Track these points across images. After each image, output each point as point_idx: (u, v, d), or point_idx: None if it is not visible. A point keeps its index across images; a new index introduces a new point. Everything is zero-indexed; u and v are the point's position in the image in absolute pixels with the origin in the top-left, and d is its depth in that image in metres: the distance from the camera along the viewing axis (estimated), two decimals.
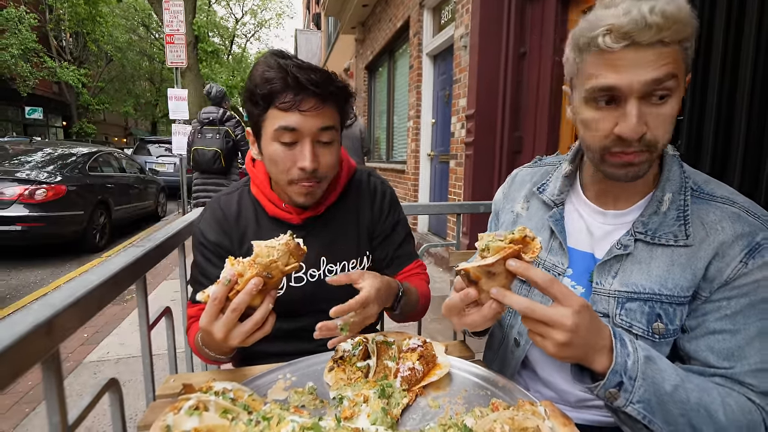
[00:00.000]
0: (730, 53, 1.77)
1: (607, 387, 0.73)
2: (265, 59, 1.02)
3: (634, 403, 0.73)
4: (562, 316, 0.68)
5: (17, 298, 4.33)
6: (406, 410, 0.81)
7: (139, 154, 12.45)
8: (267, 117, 1.01)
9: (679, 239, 0.84)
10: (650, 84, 0.74)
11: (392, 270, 1.27)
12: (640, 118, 0.76)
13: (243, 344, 0.84)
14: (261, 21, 27.72)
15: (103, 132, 28.00)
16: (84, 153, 6.68)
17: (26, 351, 0.53)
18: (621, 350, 0.72)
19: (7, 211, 5.20)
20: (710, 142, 1.84)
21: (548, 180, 1.07)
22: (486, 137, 3.89)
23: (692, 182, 0.88)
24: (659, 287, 0.84)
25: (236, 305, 0.79)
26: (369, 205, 1.24)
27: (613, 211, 0.93)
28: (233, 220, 1.16)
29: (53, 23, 20.25)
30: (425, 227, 6.49)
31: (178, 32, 7.43)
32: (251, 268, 0.81)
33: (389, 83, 8.47)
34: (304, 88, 0.96)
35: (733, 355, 0.78)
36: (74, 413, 0.67)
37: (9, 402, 2.40)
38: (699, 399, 0.74)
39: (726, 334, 0.79)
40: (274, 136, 1.00)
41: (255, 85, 1.00)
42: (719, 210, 0.83)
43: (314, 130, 1.00)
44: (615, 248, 0.88)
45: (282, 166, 1.02)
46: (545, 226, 1.01)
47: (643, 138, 0.78)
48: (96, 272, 0.80)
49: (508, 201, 1.15)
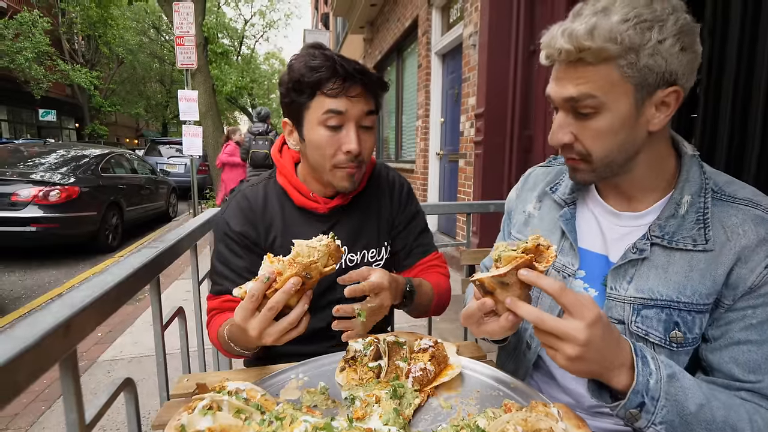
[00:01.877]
0: (746, 52, 1.74)
1: (627, 407, 0.70)
2: (307, 51, 1.06)
3: (656, 425, 0.71)
4: (574, 329, 0.66)
5: (32, 298, 4.40)
6: (417, 411, 0.81)
7: (150, 155, 12.61)
8: (312, 104, 1.05)
9: (698, 244, 0.81)
10: (567, 100, 0.80)
11: (411, 260, 1.28)
12: (562, 127, 0.83)
13: (276, 343, 0.84)
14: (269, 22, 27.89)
15: (115, 133, 28.33)
16: (96, 154, 6.77)
17: (46, 351, 0.54)
18: (643, 369, 0.70)
19: (22, 213, 5.30)
20: (725, 142, 1.82)
21: (561, 180, 1.05)
22: (496, 136, 3.86)
23: (713, 183, 0.85)
24: (677, 294, 0.81)
25: (273, 304, 0.80)
26: (389, 197, 1.27)
27: (627, 212, 0.91)
28: (259, 210, 1.17)
29: (66, 27, 20.54)
30: (435, 227, 6.47)
31: (188, 34, 7.48)
32: (291, 267, 0.81)
33: (398, 82, 8.46)
34: (351, 76, 1.01)
35: (760, 368, 0.75)
36: (91, 412, 0.68)
37: (26, 400, 2.45)
38: (725, 418, 0.71)
39: (752, 344, 0.76)
40: (321, 120, 1.04)
41: (301, 75, 1.03)
42: (741, 213, 0.80)
43: (359, 114, 1.05)
44: (630, 252, 0.86)
45: (328, 151, 1.06)
46: (556, 226, 1.00)
47: (573, 147, 0.84)
48: (112, 273, 0.81)
49: (520, 201, 1.14)
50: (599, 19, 0.73)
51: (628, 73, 0.74)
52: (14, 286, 4.79)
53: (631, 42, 0.72)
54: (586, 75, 0.76)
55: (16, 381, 0.49)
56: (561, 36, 0.75)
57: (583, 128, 0.81)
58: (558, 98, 0.81)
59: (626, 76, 0.75)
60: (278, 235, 1.16)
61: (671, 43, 0.73)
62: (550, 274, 0.97)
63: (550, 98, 0.85)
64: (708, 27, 1.87)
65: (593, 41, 0.73)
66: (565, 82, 0.79)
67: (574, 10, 0.79)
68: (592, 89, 0.76)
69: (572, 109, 0.81)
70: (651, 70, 0.74)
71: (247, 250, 1.15)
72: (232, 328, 0.94)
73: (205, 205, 9.55)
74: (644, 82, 0.75)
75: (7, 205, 5.29)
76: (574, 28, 0.74)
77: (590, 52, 0.74)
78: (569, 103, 0.80)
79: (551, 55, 0.80)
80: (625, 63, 0.74)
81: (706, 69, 1.89)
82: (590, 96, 0.76)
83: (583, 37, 0.73)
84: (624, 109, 0.77)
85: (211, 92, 9.95)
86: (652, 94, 0.77)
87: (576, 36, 0.73)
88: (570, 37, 0.74)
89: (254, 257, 1.15)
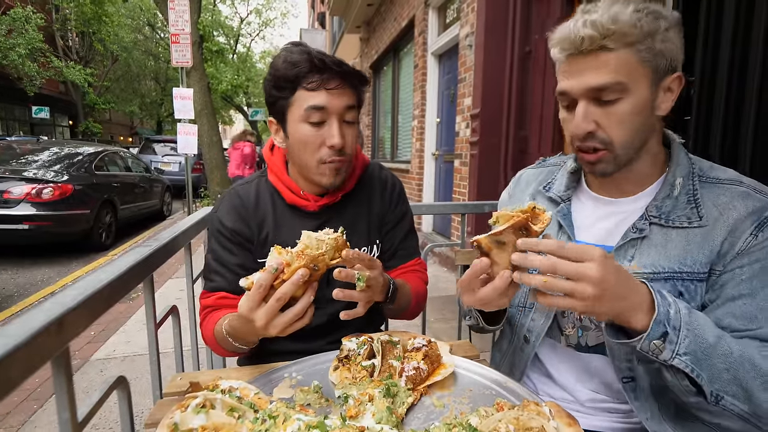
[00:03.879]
0: (738, 54, 1.76)
1: (651, 338, 0.71)
2: (286, 48, 1.08)
3: (680, 355, 0.72)
4: (587, 268, 0.68)
5: (25, 296, 4.37)
6: (410, 409, 0.82)
7: (144, 154, 12.54)
8: (294, 100, 1.06)
9: (692, 221, 0.86)
10: (592, 90, 0.82)
11: (394, 262, 1.29)
12: (586, 117, 0.84)
13: (281, 334, 0.85)
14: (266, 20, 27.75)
15: (109, 131, 28.13)
16: (90, 152, 6.73)
17: (38, 348, 0.54)
18: (662, 301, 0.72)
19: (14, 210, 5.25)
20: (717, 142, 1.83)
21: (554, 178, 1.08)
22: (491, 136, 3.88)
23: (698, 168, 0.91)
24: (679, 265, 0.85)
25: (281, 294, 0.81)
26: (380, 195, 1.28)
27: (621, 198, 0.95)
28: (252, 207, 1.18)
29: (60, 23, 20.34)
30: (429, 227, 6.49)
31: (184, 32, 7.44)
32: (299, 258, 0.82)
33: (394, 82, 8.46)
34: (328, 68, 1.02)
35: (756, 317, 0.78)
36: (83, 410, 0.68)
37: (17, 399, 2.43)
38: (741, 351, 0.73)
39: (745, 298, 0.80)
40: (303, 117, 1.05)
41: (280, 71, 1.05)
42: (728, 191, 0.86)
43: (340, 109, 1.05)
44: (630, 232, 0.90)
45: (311, 147, 1.07)
46: (554, 221, 1.02)
47: (596, 135, 0.85)
48: (105, 271, 0.81)
49: (513, 202, 1.15)
50: (618, 8, 0.78)
51: (647, 57, 0.80)
52: (6, 284, 4.75)
53: (648, 28, 0.78)
54: (609, 62, 0.79)
55: (8, 378, 0.49)
56: (583, 26, 0.79)
57: (606, 115, 0.84)
58: (580, 89, 0.83)
59: (645, 61, 0.80)
60: (270, 232, 1.17)
61: (675, 31, 0.81)
62: None
63: (565, 93, 0.87)
64: (702, 28, 1.88)
65: (618, 25, 0.77)
66: (586, 72, 0.82)
67: (580, 9, 0.83)
68: (618, 77, 0.79)
69: (594, 98, 0.83)
70: (663, 56, 0.81)
71: (240, 247, 1.16)
72: (232, 322, 0.94)
73: (200, 203, 9.51)
74: (658, 66, 0.81)
75: (0, 202, 5.24)
76: (595, 17, 0.78)
77: (614, 37, 0.78)
78: (592, 93, 0.82)
79: (569, 47, 0.82)
80: (644, 48, 0.79)
81: (700, 71, 1.90)
82: (618, 83, 0.80)
83: (608, 22, 0.77)
84: (644, 93, 0.82)
85: (207, 90, 9.91)
86: (662, 79, 0.83)
87: (601, 23, 0.77)
88: (594, 25, 0.78)
89: (247, 254, 1.16)
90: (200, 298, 1.19)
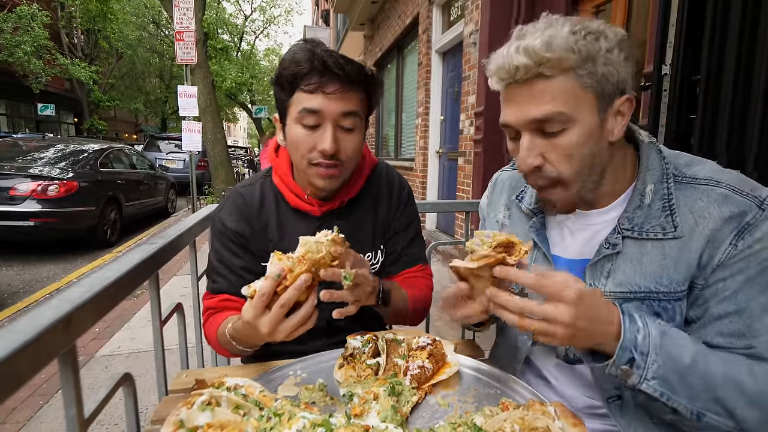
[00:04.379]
0: (745, 52, 1.75)
1: (618, 364, 0.72)
2: (296, 44, 1.04)
3: (648, 380, 0.72)
4: (560, 313, 0.68)
5: (30, 292, 4.40)
6: (415, 408, 0.82)
7: (149, 151, 12.58)
8: (293, 101, 1.03)
9: (667, 231, 0.81)
10: (534, 121, 0.77)
11: (397, 267, 1.26)
12: (531, 150, 0.80)
13: (287, 339, 0.85)
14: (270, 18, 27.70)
15: (114, 128, 28.24)
16: (95, 149, 6.75)
17: (46, 345, 0.54)
18: (630, 326, 0.72)
19: (20, 207, 5.28)
20: (723, 139, 1.82)
21: (526, 187, 1.05)
22: (495, 134, 3.87)
23: (673, 167, 0.85)
24: (655, 284, 0.82)
25: (285, 301, 0.80)
26: (387, 198, 1.25)
27: (592, 210, 0.91)
28: (255, 209, 1.16)
29: (65, 20, 20.45)
30: (433, 225, 6.48)
31: (188, 29, 7.45)
32: (300, 264, 0.82)
33: (398, 80, 8.45)
34: (329, 70, 0.98)
35: (744, 335, 0.76)
36: (90, 407, 0.69)
37: (23, 395, 2.45)
38: (725, 371, 0.72)
39: (731, 316, 0.77)
40: (298, 119, 1.02)
41: (283, 68, 1.02)
42: (705, 195, 0.80)
43: (337, 114, 1.01)
44: (603, 248, 0.86)
45: (303, 149, 1.04)
46: (528, 236, 0.99)
47: (543, 170, 0.81)
48: (112, 268, 0.81)
49: (491, 208, 1.14)
50: (553, 31, 0.73)
51: (589, 82, 0.75)
52: (12, 280, 4.78)
53: (587, 51, 0.73)
54: (547, 91, 0.75)
55: (17, 374, 0.49)
56: (516, 53, 0.74)
57: (552, 147, 0.79)
58: (522, 121, 0.79)
59: (587, 87, 0.75)
60: (275, 236, 1.16)
61: (617, 52, 0.75)
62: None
63: (508, 125, 0.83)
64: (709, 26, 1.87)
65: (552, 52, 0.72)
66: (525, 103, 0.77)
67: (515, 34, 0.79)
68: (559, 106, 0.75)
69: (538, 130, 0.79)
70: (607, 79, 0.76)
71: (244, 249, 1.15)
72: (237, 326, 0.93)
73: (204, 201, 9.54)
74: (603, 91, 0.76)
75: (6, 199, 5.27)
76: (528, 43, 0.73)
77: (549, 63, 0.73)
78: (534, 124, 0.78)
79: (506, 76, 0.78)
80: (584, 72, 0.74)
81: (706, 69, 1.89)
82: (560, 113, 0.75)
83: (542, 49, 0.72)
84: (590, 121, 0.77)
85: (211, 88, 9.93)
86: (610, 104, 0.78)
87: (533, 49, 0.73)
88: (527, 52, 0.73)
89: (251, 256, 1.15)
90: (203, 299, 1.19)
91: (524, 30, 0.77)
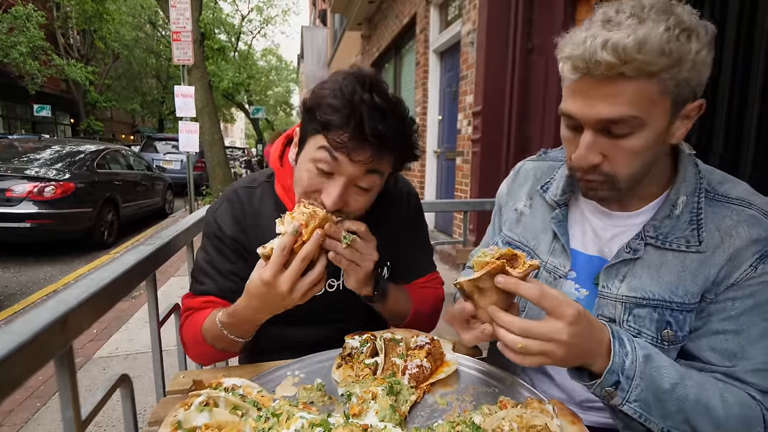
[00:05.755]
0: (742, 52, 1.75)
1: (603, 386, 0.72)
2: (344, 79, 0.90)
3: (630, 402, 0.73)
4: (557, 332, 0.67)
5: (27, 294, 4.38)
6: (414, 407, 0.82)
7: (146, 152, 12.54)
8: (316, 139, 0.91)
9: (691, 245, 0.81)
10: (602, 122, 0.73)
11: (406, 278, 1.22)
12: (592, 149, 0.76)
13: (303, 300, 0.86)
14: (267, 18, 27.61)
15: (111, 129, 28.13)
16: (92, 150, 6.73)
17: (42, 346, 0.54)
18: (619, 350, 0.72)
19: (16, 208, 5.26)
20: (720, 140, 1.83)
21: (552, 178, 1.03)
22: (493, 134, 3.87)
23: (706, 183, 0.84)
24: (669, 294, 0.81)
25: (305, 254, 0.83)
26: (397, 213, 1.20)
27: (620, 212, 0.90)
28: (252, 217, 1.11)
29: (61, 21, 20.34)
30: (431, 225, 6.48)
31: (185, 30, 7.43)
32: (313, 219, 0.85)
33: (396, 80, 8.45)
34: (364, 138, 0.86)
35: (735, 356, 0.77)
36: (87, 408, 0.68)
37: (20, 397, 2.44)
38: (697, 396, 0.73)
39: (729, 334, 0.78)
40: (314, 158, 0.91)
41: (318, 105, 0.89)
42: (735, 214, 0.79)
43: (355, 175, 0.91)
44: (624, 251, 0.86)
45: (307, 188, 0.93)
46: (548, 227, 0.98)
47: (599, 169, 0.78)
48: (108, 269, 0.81)
49: (511, 197, 1.11)
50: (647, 30, 0.66)
51: (669, 87, 0.70)
52: (9, 282, 4.76)
53: (678, 53, 0.67)
54: (625, 92, 0.69)
55: (13, 376, 0.49)
56: (602, 49, 0.67)
57: (615, 148, 0.75)
58: (589, 118, 0.73)
59: (666, 91, 0.70)
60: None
61: (706, 53, 0.70)
62: (541, 276, 0.97)
63: (570, 115, 0.76)
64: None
65: (644, 54, 0.66)
66: (598, 100, 0.71)
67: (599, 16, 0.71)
68: (633, 110, 0.70)
69: (604, 129, 0.74)
70: (687, 84, 0.71)
71: (236, 254, 1.10)
72: (236, 307, 0.92)
73: (201, 201, 9.51)
74: (680, 95, 0.72)
75: (2, 201, 5.25)
76: (619, 40, 0.66)
77: (636, 64, 0.67)
78: (602, 124, 0.73)
79: (583, 67, 0.70)
80: (668, 77, 0.68)
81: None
82: (633, 117, 0.70)
83: (633, 49, 0.65)
84: (660, 126, 0.73)
85: (208, 88, 9.90)
86: (682, 109, 0.75)
87: (624, 48, 0.66)
88: (615, 51, 0.66)
89: (242, 263, 1.09)
90: (183, 299, 1.12)
91: (610, 16, 0.70)
